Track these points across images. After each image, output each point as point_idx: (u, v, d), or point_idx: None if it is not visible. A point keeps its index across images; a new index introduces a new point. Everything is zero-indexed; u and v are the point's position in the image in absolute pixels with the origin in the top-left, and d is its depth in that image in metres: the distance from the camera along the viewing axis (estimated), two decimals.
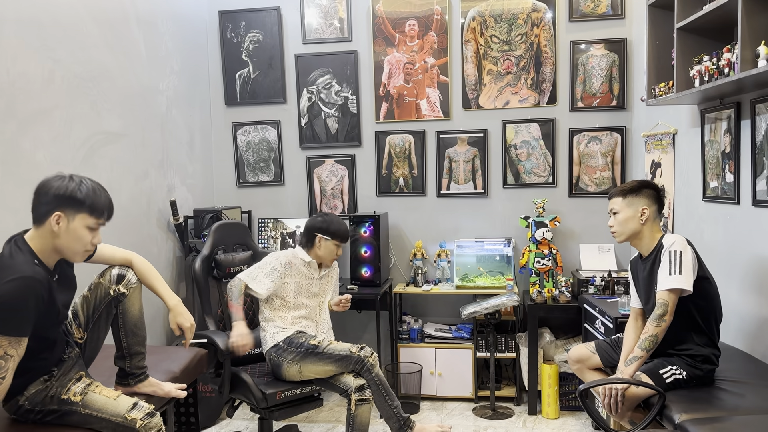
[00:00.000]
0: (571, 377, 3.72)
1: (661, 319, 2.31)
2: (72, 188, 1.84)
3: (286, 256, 3.05)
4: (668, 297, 2.32)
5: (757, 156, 2.59)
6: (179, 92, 4.03)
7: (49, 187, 1.84)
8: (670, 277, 2.32)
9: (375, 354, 2.92)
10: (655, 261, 2.45)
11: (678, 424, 2.05)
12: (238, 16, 4.40)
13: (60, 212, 1.83)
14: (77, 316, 2.14)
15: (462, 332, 4.01)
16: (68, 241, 1.86)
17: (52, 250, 1.88)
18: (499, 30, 4.12)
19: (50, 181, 1.86)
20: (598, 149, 4.08)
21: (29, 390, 1.93)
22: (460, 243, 4.16)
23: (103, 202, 1.91)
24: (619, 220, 2.54)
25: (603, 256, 4.03)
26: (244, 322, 2.88)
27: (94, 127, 3.15)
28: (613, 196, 2.58)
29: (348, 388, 2.83)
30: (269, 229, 4.27)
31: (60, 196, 1.83)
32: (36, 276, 1.77)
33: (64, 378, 1.99)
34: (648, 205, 2.50)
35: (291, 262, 3.03)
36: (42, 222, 1.85)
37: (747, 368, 2.49)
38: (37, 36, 2.75)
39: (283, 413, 2.95)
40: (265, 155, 4.48)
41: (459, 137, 4.23)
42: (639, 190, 2.53)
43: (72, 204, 1.84)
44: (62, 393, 1.95)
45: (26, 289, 1.73)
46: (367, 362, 2.86)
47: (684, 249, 2.36)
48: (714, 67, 2.53)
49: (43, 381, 1.95)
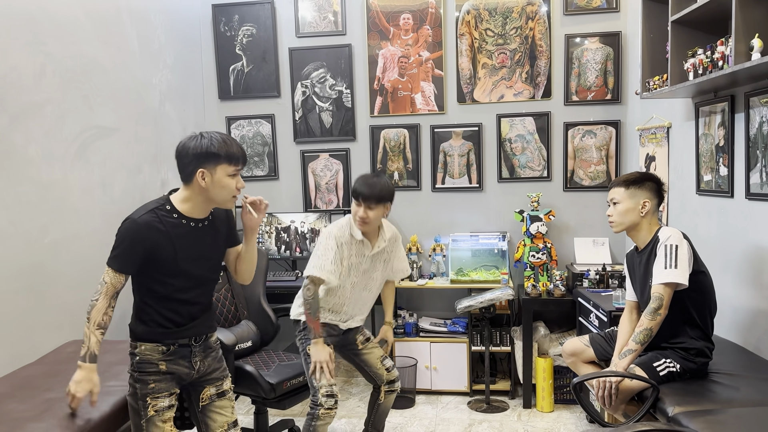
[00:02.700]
0: (565, 371, 3.73)
1: (656, 312, 2.32)
2: (206, 144, 1.98)
3: (338, 236, 2.75)
4: (663, 291, 2.32)
5: (750, 149, 2.60)
6: (172, 86, 4.01)
7: (187, 148, 2.00)
8: (665, 271, 2.33)
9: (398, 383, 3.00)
10: (651, 254, 2.45)
11: (671, 417, 2.06)
12: (232, 10, 4.38)
13: (203, 169, 1.98)
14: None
15: (457, 326, 4.01)
16: (216, 191, 2.02)
17: (205, 201, 2.05)
18: (493, 23, 4.11)
19: (186, 143, 2.01)
20: (593, 143, 4.08)
21: (144, 346, 2.03)
22: (455, 237, 4.16)
23: (236, 150, 2.03)
24: (619, 211, 2.52)
25: (597, 249, 4.03)
26: (323, 342, 2.69)
27: (87, 121, 3.13)
28: (615, 185, 2.55)
29: (381, 382, 2.94)
30: (263, 223, 4.26)
31: (198, 154, 1.97)
32: (141, 221, 1.95)
33: (167, 378, 2.05)
34: (649, 198, 2.49)
35: (342, 243, 2.75)
36: (190, 180, 2.02)
37: (740, 361, 2.50)
38: (28, 30, 2.73)
39: (290, 401, 2.97)
40: (259, 149, 4.46)
41: (454, 131, 4.22)
42: (642, 182, 2.51)
43: (210, 159, 1.98)
44: (148, 396, 2.02)
45: (128, 231, 1.95)
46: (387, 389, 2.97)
47: (680, 243, 2.36)
48: (708, 60, 2.53)
49: (158, 350, 2.04)
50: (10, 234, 2.61)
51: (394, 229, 2.98)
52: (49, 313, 2.79)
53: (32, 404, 2.06)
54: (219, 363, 2.21)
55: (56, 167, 2.90)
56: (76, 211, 3.03)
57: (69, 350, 2.65)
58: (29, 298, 2.69)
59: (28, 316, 2.68)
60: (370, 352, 2.96)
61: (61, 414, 1.99)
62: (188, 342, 2.09)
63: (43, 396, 2.13)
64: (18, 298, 2.62)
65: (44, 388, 2.20)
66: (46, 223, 2.81)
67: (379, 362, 2.95)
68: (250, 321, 3.30)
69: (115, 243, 1.98)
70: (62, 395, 2.03)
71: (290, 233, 4.21)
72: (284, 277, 4.09)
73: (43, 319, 2.77)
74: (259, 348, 3.30)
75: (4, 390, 2.20)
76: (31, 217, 2.73)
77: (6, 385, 2.25)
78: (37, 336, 2.73)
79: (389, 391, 2.97)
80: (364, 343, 2.97)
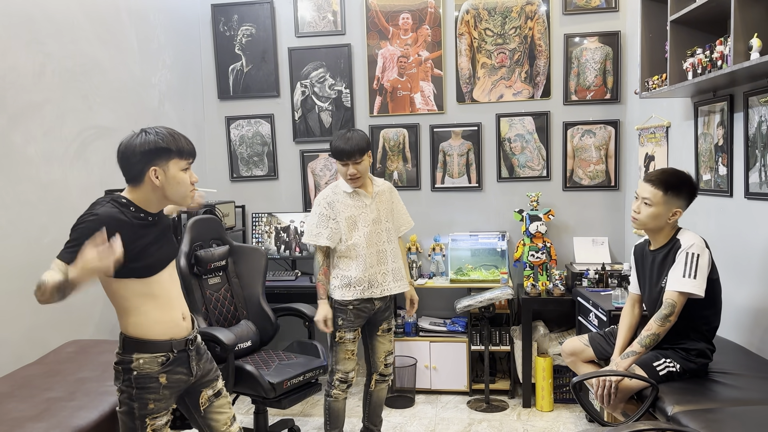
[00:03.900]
0: (565, 370, 3.73)
1: (667, 319, 2.29)
2: (153, 140, 1.88)
3: (325, 198, 2.91)
4: (678, 299, 2.29)
5: (749, 149, 2.60)
6: (172, 86, 4.01)
7: (133, 146, 1.88)
8: (683, 279, 2.28)
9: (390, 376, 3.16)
10: (667, 256, 2.39)
11: (671, 416, 2.06)
12: (231, 9, 4.37)
13: (155, 167, 1.88)
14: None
15: (456, 326, 4.02)
16: (173, 188, 1.92)
17: (159, 200, 1.94)
18: (492, 23, 4.11)
19: (130, 141, 1.89)
20: (592, 142, 4.08)
21: (142, 359, 1.91)
22: (454, 237, 4.16)
23: (185, 143, 1.95)
24: (649, 214, 2.39)
25: (597, 249, 4.04)
26: (325, 301, 2.89)
27: (86, 121, 3.13)
28: (653, 184, 2.38)
29: (375, 370, 3.07)
30: (263, 223, 4.26)
31: (147, 151, 1.87)
32: (101, 214, 1.84)
33: (165, 395, 1.96)
34: (682, 207, 2.38)
35: (332, 201, 2.89)
36: (140, 180, 1.90)
37: (740, 360, 2.50)
38: (27, 29, 2.73)
39: (290, 401, 2.98)
40: (258, 149, 4.46)
41: (453, 131, 4.22)
42: (680, 188, 2.36)
43: (161, 154, 1.88)
44: (147, 417, 1.92)
45: (87, 224, 1.82)
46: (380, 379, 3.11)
47: (702, 252, 2.31)
48: (707, 59, 2.53)
49: (157, 361, 1.93)
50: (10, 234, 2.61)
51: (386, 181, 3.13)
52: (49, 313, 2.79)
53: (32, 404, 2.06)
54: (211, 364, 2.17)
55: (55, 167, 2.90)
56: (76, 211, 2.97)
57: (69, 350, 2.65)
58: (29, 297, 2.67)
59: (28, 316, 2.68)
60: (382, 343, 3.07)
61: (61, 414, 1.99)
62: (185, 347, 2.02)
63: (43, 396, 2.13)
64: (18, 298, 2.62)
65: (44, 388, 2.20)
66: (45, 223, 2.81)
67: (384, 355, 3.08)
68: (249, 321, 3.30)
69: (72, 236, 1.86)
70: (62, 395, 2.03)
71: (290, 233, 4.21)
72: (283, 276, 4.09)
73: (43, 319, 2.77)
74: (259, 348, 3.30)
75: (4, 390, 2.20)
76: (31, 217, 2.74)
77: (6, 385, 2.25)
78: (37, 336, 2.73)
79: (379, 381, 3.10)
80: (384, 332, 3.07)
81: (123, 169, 1.92)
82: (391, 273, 2.96)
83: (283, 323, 3.52)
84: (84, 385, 2.24)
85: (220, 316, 3.22)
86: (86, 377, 2.32)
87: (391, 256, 2.98)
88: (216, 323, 3.17)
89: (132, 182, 1.92)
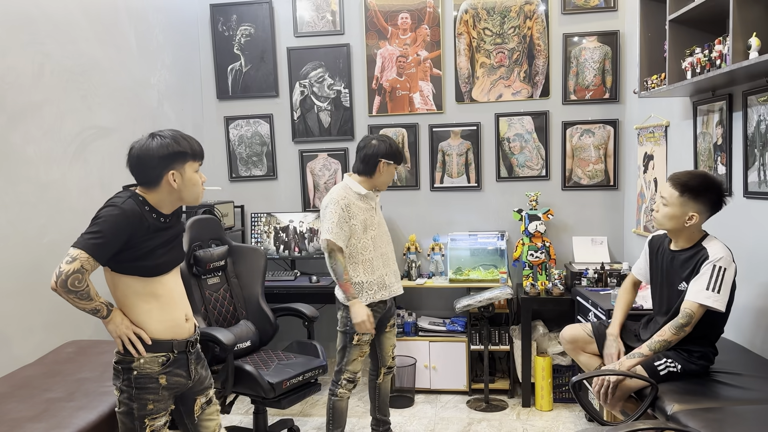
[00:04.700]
0: (564, 369, 3.74)
1: (682, 328, 2.27)
2: (170, 144, 1.91)
3: (342, 198, 2.86)
4: (697, 310, 2.26)
5: (748, 148, 2.60)
6: (170, 86, 4.01)
7: (150, 151, 1.89)
8: (706, 292, 2.24)
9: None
10: (688, 260, 2.36)
11: (670, 415, 2.05)
12: (230, 9, 4.37)
13: (173, 170, 1.91)
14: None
15: (456, 325, 4.02)
16: (189, 189, 1.97)
17: (174, 201, 1.97)
18: (491, 23, 4.11)
19: (146, 146, 1.90)
20: (591, 142, 4.09)
21: (143, 359, 1.91)
22: (453, 236, 4.16)
23: (197, 145, 1.99)
24: (664, 213, 2.36)
25: (596, 248, 4.04)
26: (359, 300, 2.86)
27: (85, 121, 3.12)
28: (673, 184, 2.34)
29: (383, 364, 3.15)
30: (262, 223, 4.26)
31: (166, 155, 1.89)
32: (126, 209, 1.85)
33: (164, 396, 1.97)
34: (700, 212, 2.31)
35: (348, 204, 2.87)
36: (157, 184, 1.92)
37: (740, 359, 2.50)
38: (26, 30, 2.73)
39: (290, 401, 2.98)
40: (257, 149, 4.46)
41: (452, 130, 4.22)
42: (700, 192, 2.30)
43: (178, 158, 1.92)
44: (146, 418, 1.92)
45: (112, 218, 1.83)
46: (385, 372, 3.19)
47: (729, 266, 2.27)
48: (706, 59, 2.53)
49: (158, 362, 1.94)
50: (9, 234, 2.61)
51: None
52: (48, 313, 2.79)
53: (32, 404, 2.06)
54: (207, 371, 2.17)
55: (55, 167, 2.90)
56: (75, 211, 3.02)
57: (68, 351, 2.65)
58: (28, 298, 2.69)
59: (27, 316, 2.68)
60: (389, 338, 3.16)
61: (60, 414, 1.99)
62: (185, 348, 2.03)
63: (43, 396, 2.13)
64: (17, 299, 2.62)
65: (44, 389, 2.20)
66: (44, 223, 2.81)
67: (391, 349, 3.18)
68: (248, 321, 3.30)
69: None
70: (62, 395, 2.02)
71: (289, 233, 4.21)
72: (283, 276, 4.09)
73: (43, 320, 2.77)
74: (258, 348, 3.30)
75: (3, 390, 2.19)
76: (30, 217, 2.73)
77: (6, 385, 2.25)
78: (36, 336, 2.73)
79: (387, 373, 3.20)
80: (391, 328, 3.17)
81: (138, 174, 1.93)
82: (394, 274, 3.08)
83: (283, 323, 3.52)
84: (83, 385, 2.24)
85: (219, 316, 3.22)
86: (86, 378, 2.31)
87: (392, 257, 3.09)
88: (215, 323, 3.17)
89: (147, 185, 1.93)
